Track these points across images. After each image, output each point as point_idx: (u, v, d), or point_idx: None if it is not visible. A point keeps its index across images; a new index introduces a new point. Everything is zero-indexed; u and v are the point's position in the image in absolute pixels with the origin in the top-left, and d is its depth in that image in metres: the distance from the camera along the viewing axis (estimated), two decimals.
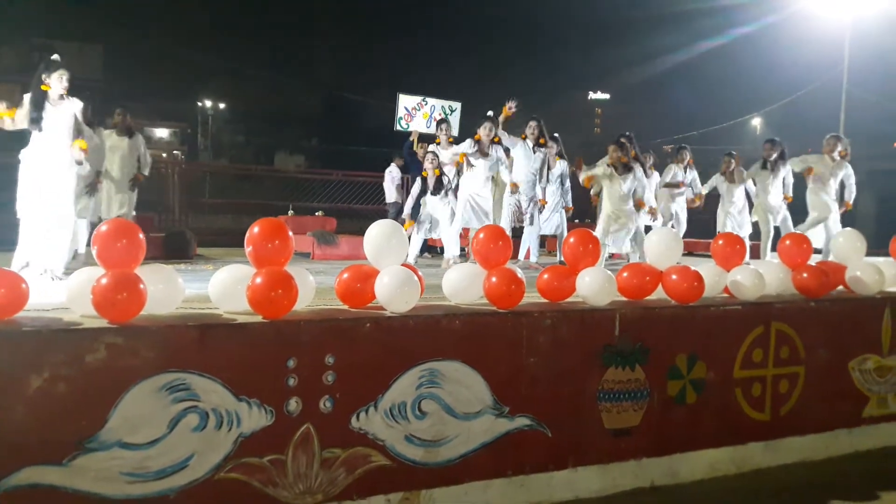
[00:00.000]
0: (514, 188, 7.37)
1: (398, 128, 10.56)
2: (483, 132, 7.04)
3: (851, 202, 8.07)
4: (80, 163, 5.41)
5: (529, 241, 7.79)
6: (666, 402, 3.94)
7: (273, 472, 3.02)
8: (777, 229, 8.33)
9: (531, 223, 7.63)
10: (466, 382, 3.41)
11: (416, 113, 10.46)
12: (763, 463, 4.28)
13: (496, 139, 7.12)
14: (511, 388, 3.53)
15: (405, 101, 10.37)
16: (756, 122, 37.53)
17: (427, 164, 7.29)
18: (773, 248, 7.33)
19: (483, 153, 7.04)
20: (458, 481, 3.40)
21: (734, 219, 8.78)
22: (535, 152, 7.55)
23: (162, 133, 52.21)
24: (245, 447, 2.96)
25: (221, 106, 51.97)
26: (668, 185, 9.41)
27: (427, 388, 3.32)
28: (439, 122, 8.14)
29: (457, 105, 10.72)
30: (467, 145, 7.10)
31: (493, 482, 3.50)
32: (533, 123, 7.59)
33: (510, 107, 7.25)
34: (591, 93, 67.48)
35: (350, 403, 3.17)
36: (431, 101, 10.52)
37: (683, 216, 9.61)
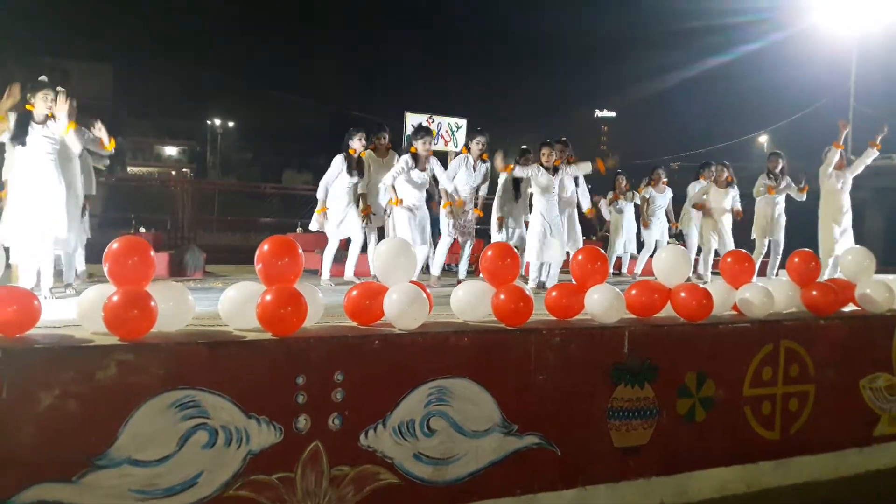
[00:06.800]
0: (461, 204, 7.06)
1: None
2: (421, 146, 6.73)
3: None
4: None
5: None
6: (675, 421, 3.92)
7: (282, 490, 3.01)
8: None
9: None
10: (475, 400, 3.40)
11: None
12: (773, 482, 4.24)
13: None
14: (520, 406, 3.52)
15: (412, 119, 10.43)
16: (763, 139, 37.49)
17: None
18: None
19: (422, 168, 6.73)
20: (467, 500, 3.39)
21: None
22: (475, 168, 7.23)
23: (171, 151, 52.74)
24: (254, 465, 2.96)
25: (230, 124, 52.38)
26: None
27: (436, 405, 3.31)
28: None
29: (462, 122, 10.79)
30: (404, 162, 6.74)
31: (502, 501, 3.48)
32: (481, 139, 7.28)
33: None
34: (597, 110, 67.76)
35: (359, 421, 3.17)
36: (438, 118, 10.60)
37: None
